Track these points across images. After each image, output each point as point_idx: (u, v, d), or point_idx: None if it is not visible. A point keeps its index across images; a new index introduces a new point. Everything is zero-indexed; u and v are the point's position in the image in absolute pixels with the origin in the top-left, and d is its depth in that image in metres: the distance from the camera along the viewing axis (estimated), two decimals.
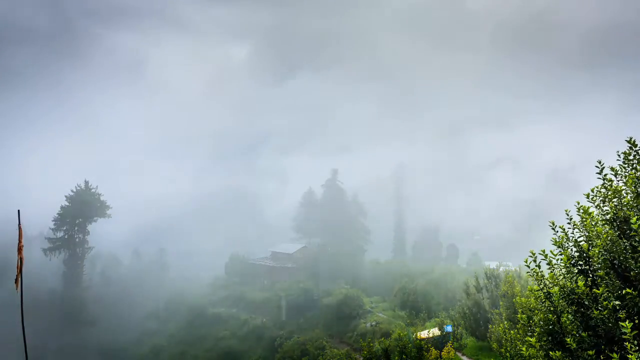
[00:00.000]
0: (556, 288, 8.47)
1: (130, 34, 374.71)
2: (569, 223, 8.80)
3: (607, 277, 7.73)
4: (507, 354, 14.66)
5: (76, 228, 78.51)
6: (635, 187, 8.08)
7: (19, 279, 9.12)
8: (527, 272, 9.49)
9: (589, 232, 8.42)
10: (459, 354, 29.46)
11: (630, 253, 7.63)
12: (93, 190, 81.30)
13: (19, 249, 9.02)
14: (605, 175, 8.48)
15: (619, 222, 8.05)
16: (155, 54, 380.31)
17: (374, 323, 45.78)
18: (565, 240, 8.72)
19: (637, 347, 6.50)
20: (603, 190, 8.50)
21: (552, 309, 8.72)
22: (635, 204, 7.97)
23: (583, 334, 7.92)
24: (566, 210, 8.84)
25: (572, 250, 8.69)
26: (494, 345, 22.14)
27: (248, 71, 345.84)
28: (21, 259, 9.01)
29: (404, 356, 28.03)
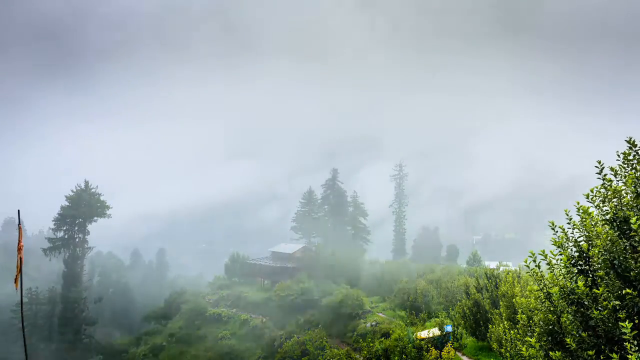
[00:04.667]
0: (556, 288, 8.47)
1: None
2: (568, 223, 8.79)
3: (607, 277, 7.72)
4: (507, 354, 14.65)
5: (76, 228, 78.49)
6: (635, 187, 8.07)
7: (19, 278, 9.12)
8: (527, 272, 9.48)
9: (588, 232, 8.42)
10: (459, 354, 29.44)
11: (630, 253, 7.62)
12: (93, 190, 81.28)
13: (19, 249, 9.02)
14: (605, 175, 8.47)
15: (619, 222, 8.05)
16: None
17: (374, 323, 45.76)
18: (565, 240, 8.71)
19: (637, 347, 6.50)
20: (603, 190, 8.50)
21: (552, 309, 8.71)
22: (635, 204, 7.97)
23: (583, 334, 7.92)
24: (566, 210, 8.84)
25: (572, 250, 8.68)
26: (494, 345, 22.13)
27: None
28: (21, 259, 9.01)
29: (403, 356, 28.03)
